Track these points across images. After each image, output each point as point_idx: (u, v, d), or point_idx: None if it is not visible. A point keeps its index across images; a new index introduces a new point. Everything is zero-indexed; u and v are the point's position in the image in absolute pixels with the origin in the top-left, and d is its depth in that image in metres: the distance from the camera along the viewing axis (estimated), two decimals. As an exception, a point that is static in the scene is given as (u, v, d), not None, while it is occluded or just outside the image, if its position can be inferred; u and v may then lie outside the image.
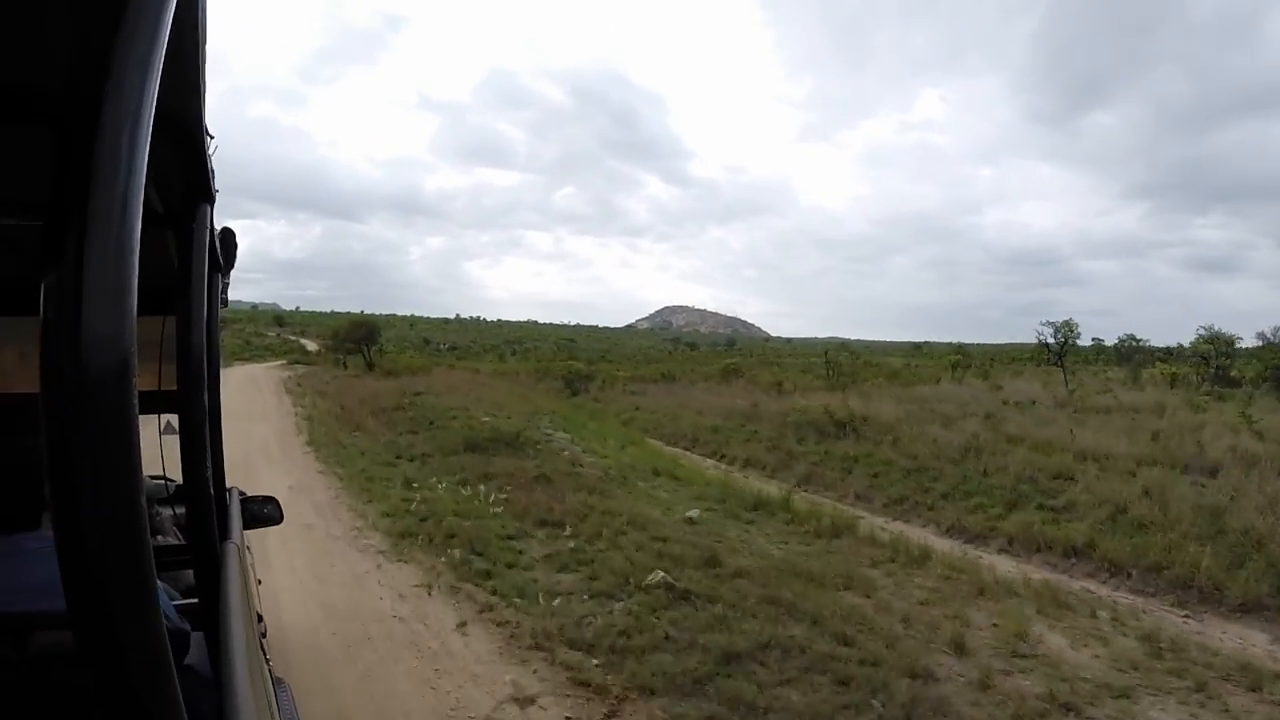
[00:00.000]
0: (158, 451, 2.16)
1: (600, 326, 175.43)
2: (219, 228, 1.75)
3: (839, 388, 18.45)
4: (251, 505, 2.88)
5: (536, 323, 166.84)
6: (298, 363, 26.06)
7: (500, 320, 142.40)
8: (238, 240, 1.97)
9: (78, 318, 0.39)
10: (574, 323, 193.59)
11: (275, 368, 24.04)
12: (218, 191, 1.39)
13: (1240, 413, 10.82)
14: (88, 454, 0.40)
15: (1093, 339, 20.19)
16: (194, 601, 1.48)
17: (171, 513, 2.76)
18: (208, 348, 1.40)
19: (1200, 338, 20.06)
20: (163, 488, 2.84)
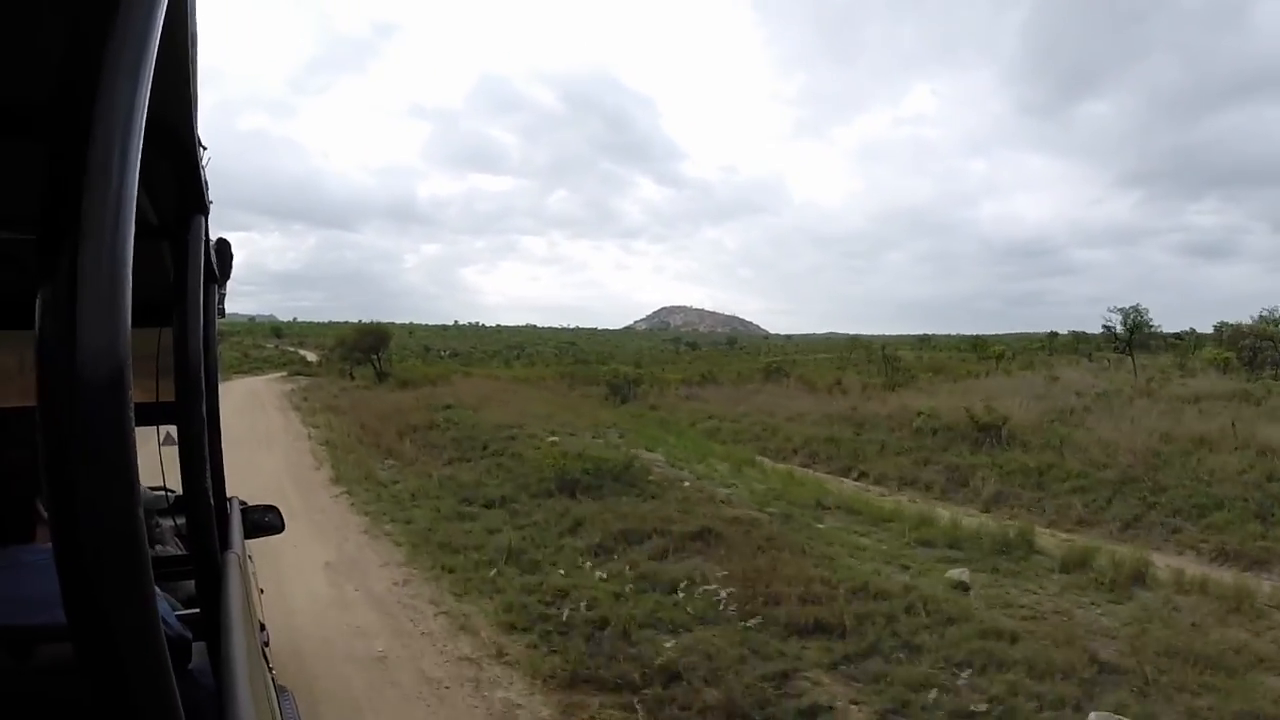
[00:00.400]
0: (157, 463, 2.16)
1: (599, 329, 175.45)
2: (214, 239, 1.75)
3: (897, 385, 16.95)
4: (252, 514, 2.90)
5: (535, 327, 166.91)
6: (300, 374, 25.03)
7: (499, 325, 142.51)
8: (233, 252, 1.97)
9: (72, 330, 0.39)
10: (572, 326, 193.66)
11: (277, 380, 23.25)
12: (212, 203, 1.39)
13: None
14: (85, 466, 0.40)
15: (1103, 326, 19.34)
16: (196, 611, 1.48)
17: (172, 523, 2.76)
18: (205, 359, 1.40)
19: (1264, 318, 19.00)
20: (163, 499, 2.85)
